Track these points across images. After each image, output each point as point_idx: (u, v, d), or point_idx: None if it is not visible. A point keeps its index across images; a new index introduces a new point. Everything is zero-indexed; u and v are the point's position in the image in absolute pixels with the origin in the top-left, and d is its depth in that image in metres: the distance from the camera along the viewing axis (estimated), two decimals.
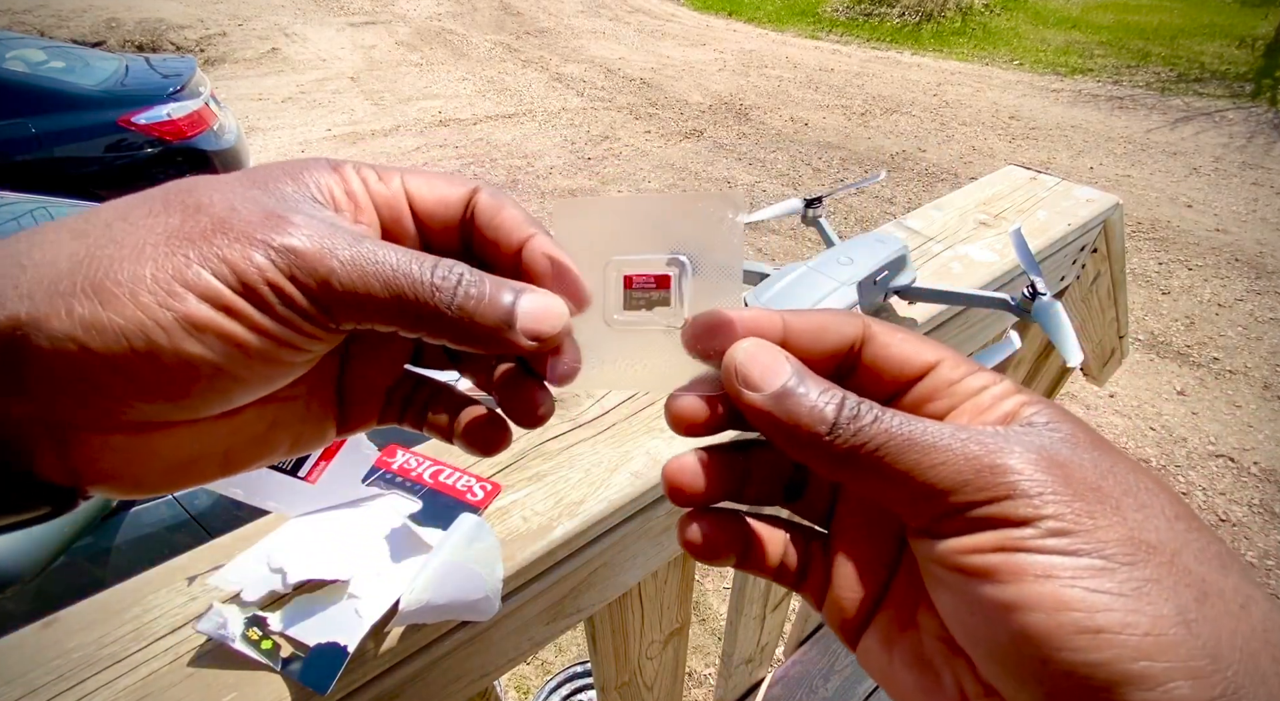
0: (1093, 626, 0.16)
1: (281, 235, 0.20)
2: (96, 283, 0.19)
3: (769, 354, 0.22)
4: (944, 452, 0.19)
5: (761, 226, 4.15)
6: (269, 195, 0.22)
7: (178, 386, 0.20)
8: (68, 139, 3.24)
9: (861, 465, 0.20)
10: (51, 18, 7.79)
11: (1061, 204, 0.93)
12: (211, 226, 0.20)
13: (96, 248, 0.19)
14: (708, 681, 1.91)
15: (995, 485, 0.18)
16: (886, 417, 0.20)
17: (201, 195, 0.21)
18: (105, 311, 0.18)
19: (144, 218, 0.20)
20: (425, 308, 0.21)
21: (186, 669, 0.39)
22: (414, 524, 0.45)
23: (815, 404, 0.21)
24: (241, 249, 0.20)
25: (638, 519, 0.53)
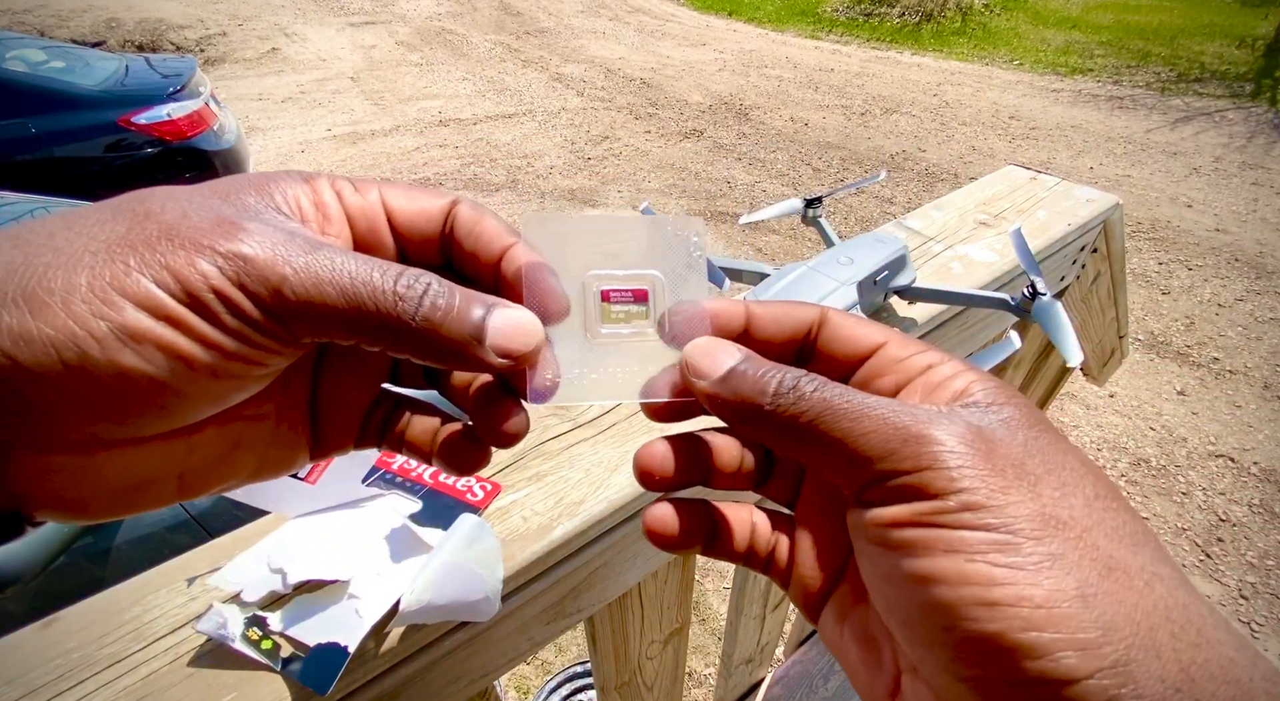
0: (989, 599, 0.17)
1: (230, 241, 0.19)
2: (28, 291, 0.17)
3: (719, 346, 0.23)
4: (874, 421, 0.20)
5: (761, 226, 4.15)
6: (228, 205, 0.21)
7: (113, 402, 0.18)
8: (68, 139, 3.24)
9: (801, 434, 0.21)
10: (51, 18, 7.79)
11: (1061, 204, 0.93)
12: (158, 233, 0.19)
13: (33, 255, 0.18)
14: (708, 681, 1.91)
15: (918, 454, 0.19)
16: (825, 389, 0.21)
17: (153, 203, 0.20)
18: (34, 321, 0.17)
19: (89, 226, 0.19)
20: (387, 318, 0.20)
21: (186, 669, 0.39)
22: (414, 524, 0.45)
23: (758, 379, 0.22)
24: (186, 255, 0.19)
25: (638, 519, 0.53)
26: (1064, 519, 0.18)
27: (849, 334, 0.24)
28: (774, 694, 1.22)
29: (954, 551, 0.18)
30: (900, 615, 0.20)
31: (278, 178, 0.23)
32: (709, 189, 4.67)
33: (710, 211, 4.40)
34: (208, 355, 0.19)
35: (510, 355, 0.22)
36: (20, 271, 0.18)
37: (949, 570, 0.18)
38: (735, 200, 4.53)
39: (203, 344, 0.19)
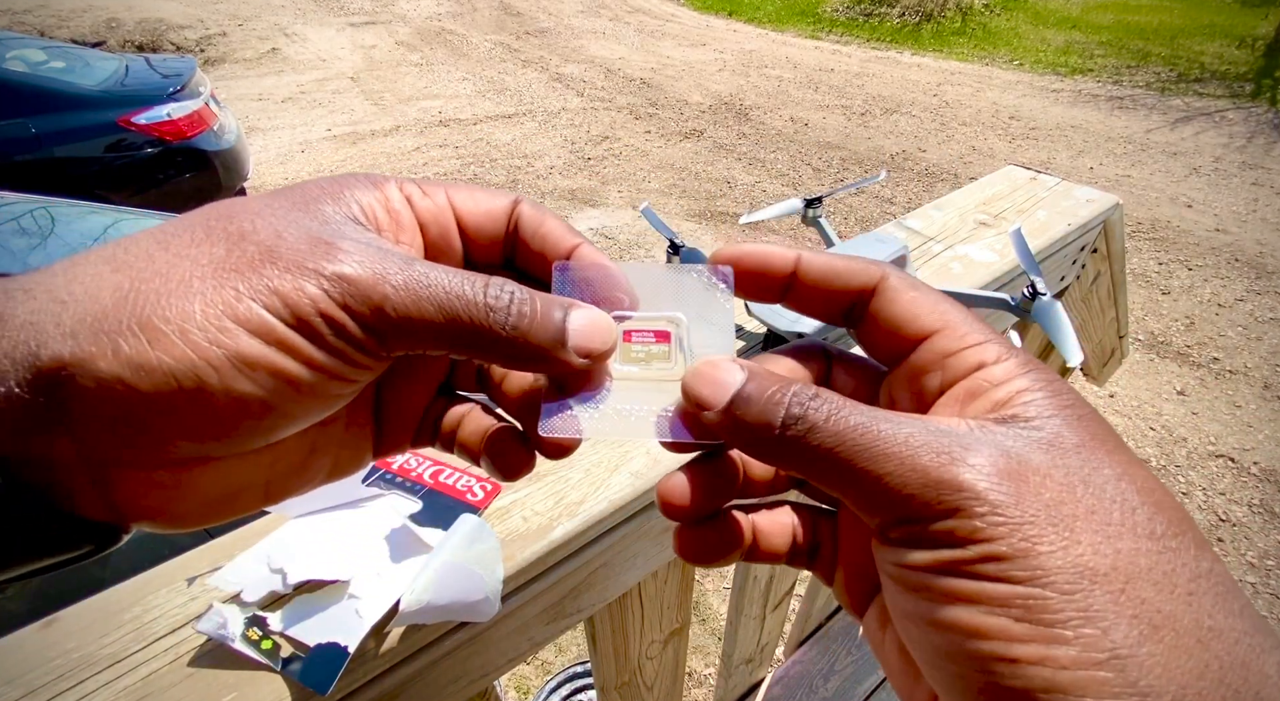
0: (1009, 656, 0.16)
1: (332, 263, 0.20)
2: (143, 320, 0.18)
3: (717, 370, 0.22)
4: (894, 460, 0.18)
5: (761, 226, 4.15)
6: (311, 218, 0.21)
7: (225, 425, 0.19)
8: (68, 139, 3.24)
9: (818, 466, 0.20)
10: (51, 18, 7.79)
11: (1061, 204, 0.93)
12: (259, 256, 0.19)
13: (140, 281, 0.18)
14: (708, 681, 1.91)
15: (942, 501, 0.18)
16: (841, 414, 0.19)
17: (244, 222, 0.20)
18: (154, 351, 0.18)
19: (186, 247, 0.19)
20: (480, 330, 0.21)
21: (186, 669, 0.39)
22: (414, 524, 0.45)
23: (763, 405, 0.20)
24: (293, 279, 0.19)
25: (638, 519, 0.53)
26: (1103, 570, 0.17)
27: (903, 312, 0.22)
28: (774, 694, 1.22)
29: (974, 602, 0.17)
30: (921, 653, 0.19)
31: (350, 184, 0.23)
32: (709, 189, 4.67)
33: (710, 211, 4.40)
34: (312, 376, 0.20)
35: (591, 354, 0.22)
36: (131, 298, 0.18)
37: (968, 621, 0.17)
38: (735, 200, 4.52)
39: (309, 365, 0.20)
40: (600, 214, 4.34)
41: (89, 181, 3.27)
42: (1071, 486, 0.18)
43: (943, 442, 0.18)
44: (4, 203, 2.16)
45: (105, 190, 3.27)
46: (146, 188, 3.42)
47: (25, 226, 2.09)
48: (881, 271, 0.23)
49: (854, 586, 0.25)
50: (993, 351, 0.21)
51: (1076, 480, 0.18)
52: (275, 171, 4.85)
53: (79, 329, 0.18)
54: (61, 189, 2.64)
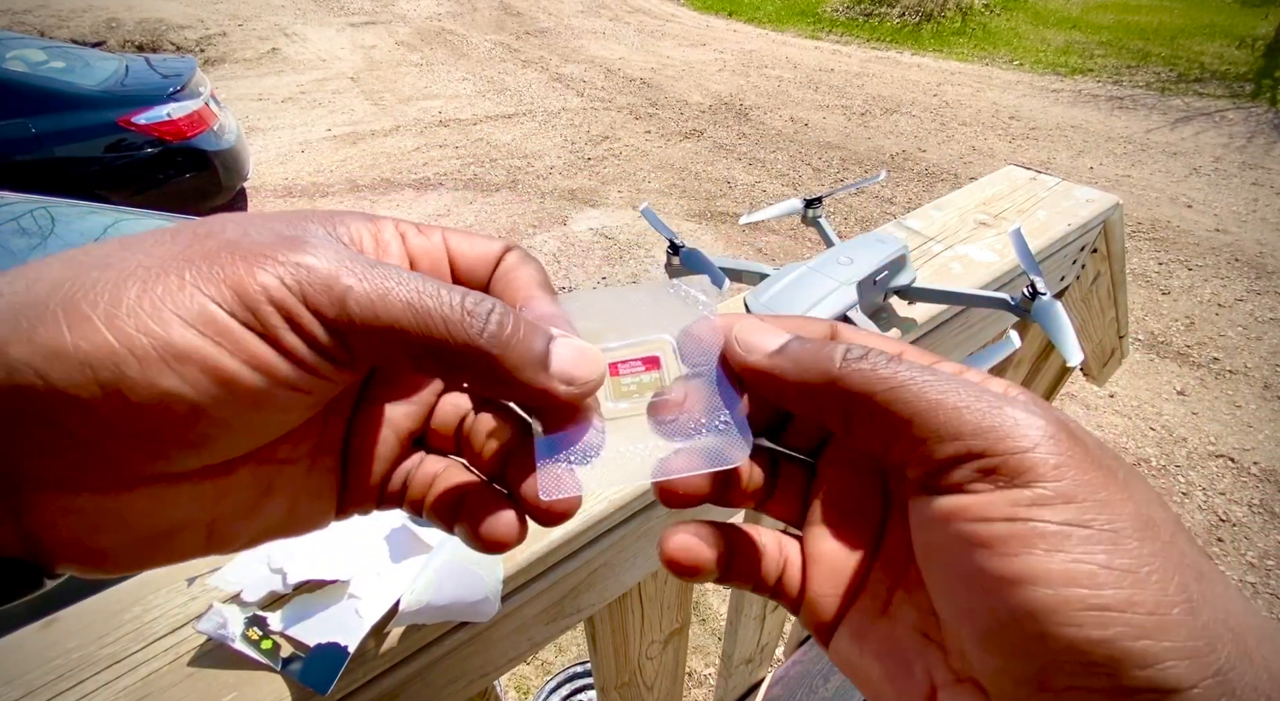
0: (1099, 602, 0.16)
1: (294, 252, 0.18)
2: (69, 304, 0.16)
3: (765, 325, 0.23)
4: (961, 396, 0.19)
5: (761, 226, 4.15)
6: (291, 228, 0.20)
7: (147, 431, 0.17)
8: (68, 139, 3.24)
9: (873, 407, 0.20)
10: (51, 18, 7.79)
11: (1061, 204, 0.93)
12: (217, 247, 0.18)
13: (83, 271, 0.17)
14: (708, 681, 1.91)
15: (1016, 435, 0.18)
16: (896, 362, 0.20)
17: (214, 224, 0.19)
18: (70, 335, 0.16)
19: (147, 245, 0.18)
20: (454, 337, 0.19)
21: (186, 669, 0.39)
22: (414, 524, 0.45)
23: (820, 348, 0.21)
24: (246, 266, 0.17)
25: (638, 519, 0.53)
26: (1156, 520, 0.17)
27: (863, 341, 0.23)
28: (774, 694, 1.22)
29: (1057, 549, 0.16)
30: (979, 621, 0.18)
31: (344, 215, 0.22)
32: (709, 189, 4.67)
33: (710, 211, 4.40)
34: (257, 379, 0.17)
35: (575, 382, 0.21)
36: (66, 286, 0.16)
37: (1052, 570, 0.16)
38: (735, 200, 4.52)
39: (252, 365, 0.17)
40: (600, 214, 4.34)
41: (89, 181, 3.27)
42: (1104, 452, 0.19)
43: (999, 396, 0.19)
44: (4, 203, 2.16)
45: (105, 190, 3.27)
46: (146, 188, 3.42)
47: (25, 226, 2.09)
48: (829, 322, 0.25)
49: (825, 607, 0.24)
50: (956, 365, 0.23)
51: (1094, 444, 0.19)
52: (275, 171, 4.85)
53: (1, 317, 0.16)
54: (61, 189, 2.64)
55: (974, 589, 0.18)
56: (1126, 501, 0.17)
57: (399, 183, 4.73)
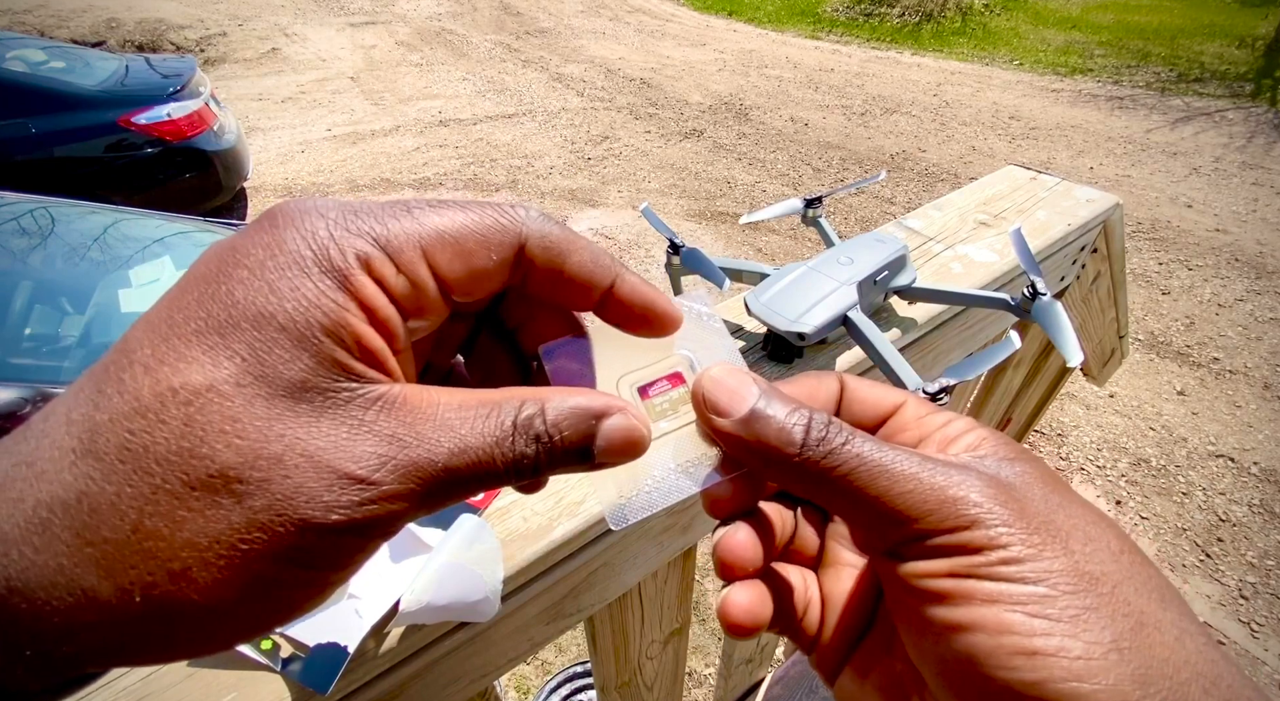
0: (1029, 648, 0.17)
1: (356, 508, 0.18)
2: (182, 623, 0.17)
3: (735, 378, 0.23)
4: (911, 481, 0.20)
5: (761, 226, 4.15)
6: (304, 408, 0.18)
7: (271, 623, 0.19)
8: (68, 139, 3.25)
9: (833, 487, 0.21)
10: (51, 18, 7.79)
11: (1061, 204, 0.93)
12: (274, 512, 0.17)
13: (148, 577, 0.16)
14: (708, 681, 1.91)
15: (957, 516, 0.20)
16: (857, 442, 0.21)
17: (225, 455, 0.17)
18: (211, 644, 0.18)
19: (175, 510, 0.17)
20: (514, 481, 0.21)
21: (186, 669, 0.39)
22: (414, 524, 0.45)
23: (783, 425, 0.22)
24: (322, 539, 0.18)
25: None
26: (1096, 574, 0.19)
27: (870, 395, 0.25)
28: (774, 694, 1.22)
29: (993, 602, 0.18)
30: (934, 665, 0.20)
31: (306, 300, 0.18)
32: (709, 189, 4.67)
33: (710, 211, 4.40)
34: (351, 571, 0.20)
35: (619, 463, 0.22)
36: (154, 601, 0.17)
37: (988, 619, 0.18)
38: (735, 200, 4.52)
39: (343, 579, 0.20)
40: (600, 214, 4.34)
41: (89, 181, 3.27)
42: (1053, 509, 0.20)
43: (948, 469, 0.21)
44: (4, 203, 2.16)
45: (105, 190, 3.27)
46: (146, 187, 3.42)
47: (25, 226, 2.09)
48: (837, 376, 0.26)
49: (834, 649, 0.25)
50: (948, 414, 0.24)
51: (1054, 504, 0.21)
52: (275, 171, 4.85)
53: (111, 643, 0.17)
54: (61, 189, 2.64)
55: (928, 635, 0.20)
56: (1063, 556, 0.19)
57: (399, 182, 4.73)
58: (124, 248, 2.13)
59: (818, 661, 0.26)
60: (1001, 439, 0.23)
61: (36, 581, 0.16)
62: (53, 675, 0.17)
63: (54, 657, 0.16)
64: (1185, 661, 0.18)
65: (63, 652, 0.16)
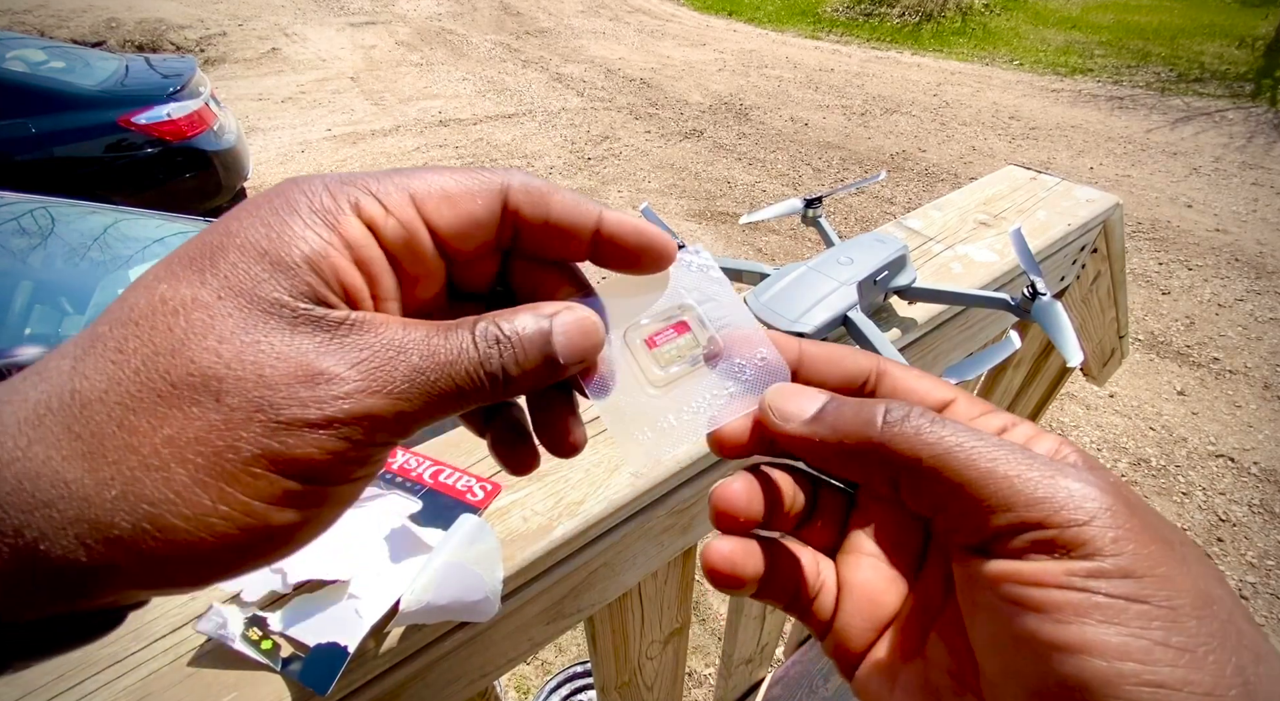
0: (1154, 679, 0.15)
1: (331, 404, 0.18)
2: (158, 521, 0.17)
3: (801, 390, 0.23)
4: (1018, 467, 0.18)
5: (761, 226, 4.15)
6: (279, 322, 0.19)
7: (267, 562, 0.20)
8: (68, 139, 3.24)
9: (919, 471, 0.19)
10: (51, 18, 7.79)
11: (1061, 204, 0.93)
12: (250, 409, 0.18)
13: (128, 471, 0.17)
14: (708, 681, 1.91)
15: (1072, 507, 0.17)
16: (946, 424, 0.19)
17: (205, 358, 0.18)
18: (183, 548, 0.17)
19: (157, 407, 0.17)
20: (485, 392, 0.21)
21: (186, 669, 0.39)
22: (414, 524, 0.45)
23: (859, 410, 0.21)
24: (298, 438, 0.18)
25: (638, 519, 0.53)
26: (1216, 596, 0.17)
27: (913, 387, 0.23)
28: (774, 694, 1.22)
29: (1112, 622, 0.16)
30: (1028, 684, 0.17)
31: (289, 233, 0.19)
32: (709, 189, 4.67)
33: (710, 211, 4.40)
34: (341, 505, 0.20)
35: (584, 358, 0.22)
36: (131, 501, 0.17)
37: (1108, 642, 0.16)
38: (735, 200, 4.52)
39: (334, 501, 0.20)
40: None
41: (89, 181, 3.27)
42: (1161, 522, 0.18)
43: (1051, 463, 0.19)
44: (4, 203, 2.16)
45: (105, 190, 3.27)
46: (146, 187, 3.42)
47: (25, 226, 2.09)
48: (876, 358, 0.24)
49: (855, 638, 0.24)
50: (1006, 417, 0.22)
51: (1152, 516, 0.18)
52: (275, 171, 4.85)
53: (87, 535, 0.17)
54: (61, 189, 2.64)
55: (1024, 651, 0.17)
56: (1185, 577, 0.17)
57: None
58: (124, 248, 2.13)
59: (833, 650, 0.24)
60: (1080, 449, 0.21)
61: (24, 471, 0.17)
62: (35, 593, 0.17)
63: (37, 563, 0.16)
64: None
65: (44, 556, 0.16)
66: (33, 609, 0.17)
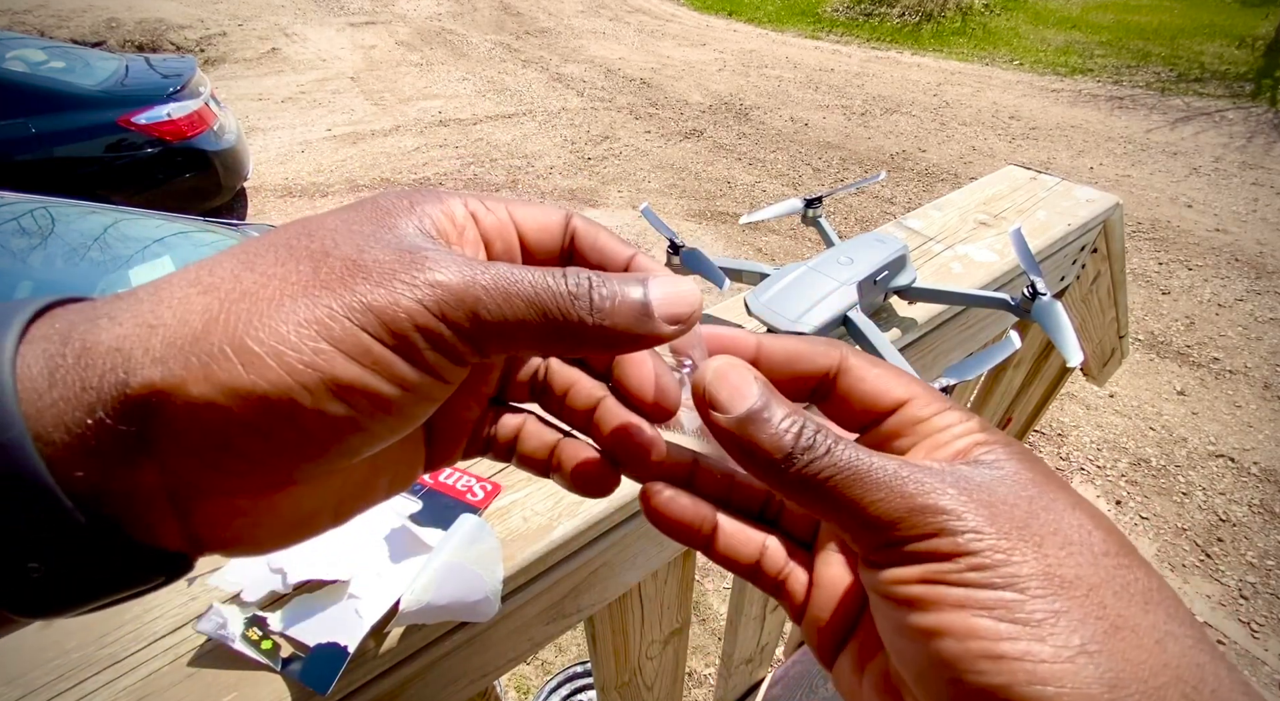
0: (996, 652, 0.18)
1: (423, 272, 0.19)
2: (236, 342, 0.18)
3: (738, 374, 0.23)
4: (884, 489, 0.20)
5: (761, 226, 4.15)
6: (389, 232, 0.21)
7: (317, 447, 0.19)
8: (68, 139, 3.24)
9: (814, 493, 0.21)
10: (51, 18, 7.79)
11: (1061, 204, 0.93)
12: (347, 271, 0.19)
13: (229, 302, 0.18)
14: (708, 681, 1.91)
15: (926, 523, 0.20)
16: (839, 450, 0.21)
17: (324, 238, 0.20)
18: (248, 374, 0.17)
19: (271, 266, 0.19)
20: (568, 319, 0.21)
21: (186, 669, 0.39)
22: (414, 524, 0.45)
23: (775, 431, 0.22)
24: (386, 293, 0.19)
25: (638, 518, 0.53)
26: (1069, 578, 0.19)
27: (871, 388, 0.24)
28: (774, 694, 1.22)
29: (960, 607, 0.19)
30: (911, 667, 0.20)
31: (418, 198, 0.23)
32: (709, 189, 4.67)
33: (710, 211, 4.40)
34: (406, 397, 0.20)
35: (680, 319, 0.22)
36: (221, 321, 0.18)
37: (956, 624, 0.19)
38: (735, 200, 4.52)
39: (402, 386, 0.20)
40: (600, 214, 4.34)
41: (89, 181, 3.27)
42: (1034, 512, 0.20)
43: (922, 475, 0.21)
44: (4, 203, 2.16)
45: (105, 190, 3.27)
46: (146, 187, 3.42)
47: (25, 226, 2.09)
48: (840, 352, 0.25)
49: (825, 627, 0.25)
50: (955, 416, 0.24)
51: (1037, 507, 0.20)
52: (275, 171, 4.85)
53: (169, 353, 0.17)
54: (61, 189, 2.64)
55: (905, 640, 0.20)
56: (1032, 561, 0.19)
57: (399, 182, 4.73)
58: (124, 248, 2.13)
59: (816, 642, 0.26)
60: (999, 438, 0.23)
61: (139, 307, 0.18)
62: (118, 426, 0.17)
63: (115, 385, 0.17)
64: (1165, 665, 0.18)
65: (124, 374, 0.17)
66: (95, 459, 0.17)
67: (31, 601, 0.18)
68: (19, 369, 0.17)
